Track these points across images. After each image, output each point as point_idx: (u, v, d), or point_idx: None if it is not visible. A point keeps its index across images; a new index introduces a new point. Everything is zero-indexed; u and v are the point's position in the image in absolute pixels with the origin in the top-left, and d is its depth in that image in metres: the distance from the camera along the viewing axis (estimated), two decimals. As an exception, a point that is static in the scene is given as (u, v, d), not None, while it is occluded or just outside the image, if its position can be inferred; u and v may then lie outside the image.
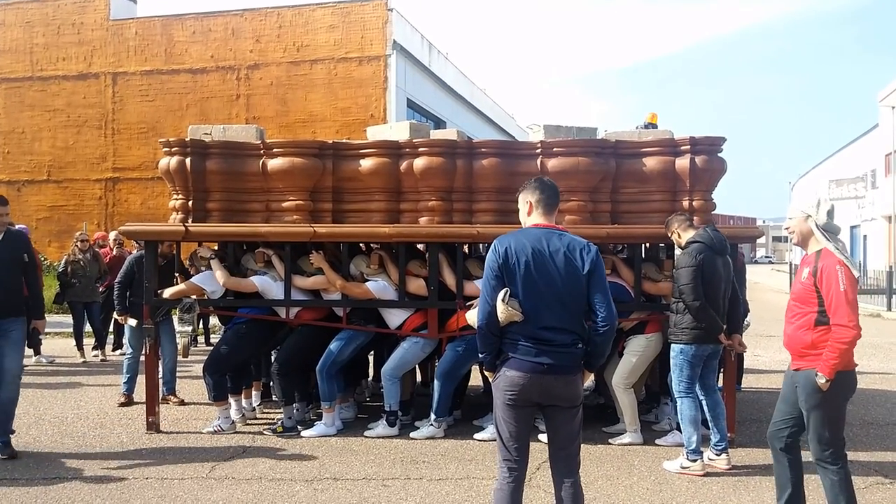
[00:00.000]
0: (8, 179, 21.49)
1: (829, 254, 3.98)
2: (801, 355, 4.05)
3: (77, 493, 4.98)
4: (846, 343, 3.86)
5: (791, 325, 4.12)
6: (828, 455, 4.03)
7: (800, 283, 4.07)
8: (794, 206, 4.19)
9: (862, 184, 37.96)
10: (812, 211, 4.06)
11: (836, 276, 3.88)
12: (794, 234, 4.16)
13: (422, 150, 6.47)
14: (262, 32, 20.23)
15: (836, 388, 3.95)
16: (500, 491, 3.60)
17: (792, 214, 4.16)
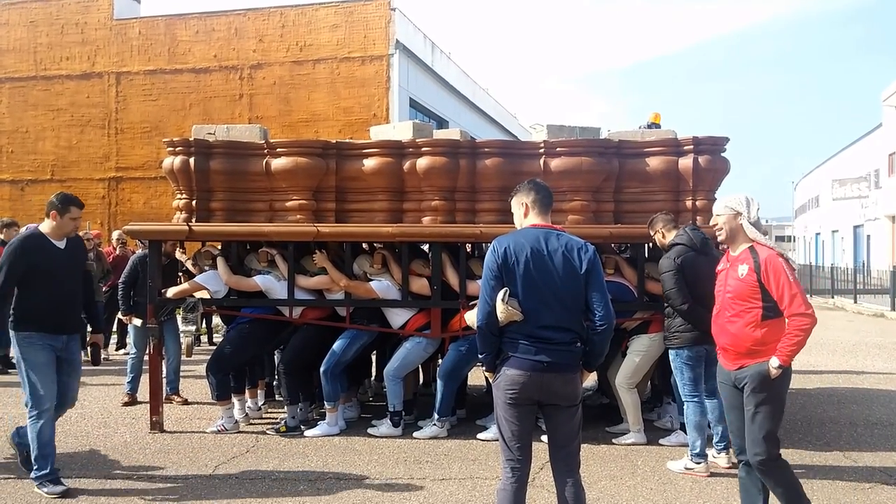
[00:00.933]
0: (11, 179, 21.52)
1: (764, 247, 3.98)
2: (751, 353, 3.98)
3: (81, 491, 4.99)
4: (806, 330, 3.85)
5: (733, 323, 4.04)
6: (776, 453, 3.97)
7: (738, 279, 4.00)
8: (720, 204, 4.16)
9: (865, 183, 37.86)
10: (742, 208, 4.05)
11: (781, 269, 3.88)
12: (722, 232, 4.12)
13: (425, 149, 6.47)
14: (265, 32, 20.22)
15: (784, 381, 3.97)
16: (504, 491, 3.62)
17: (719, 212, 4.13)
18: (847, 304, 21.84)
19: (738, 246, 4.08)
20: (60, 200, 5.12)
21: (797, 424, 6.86)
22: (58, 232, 5.09)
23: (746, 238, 4.04)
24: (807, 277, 28.59)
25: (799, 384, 8.93)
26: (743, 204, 4.07)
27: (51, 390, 4.97)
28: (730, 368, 4.09)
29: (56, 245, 5.07)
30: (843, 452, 5.98)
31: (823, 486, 5.16)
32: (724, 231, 4.11)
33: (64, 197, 5.17)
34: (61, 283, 5.04)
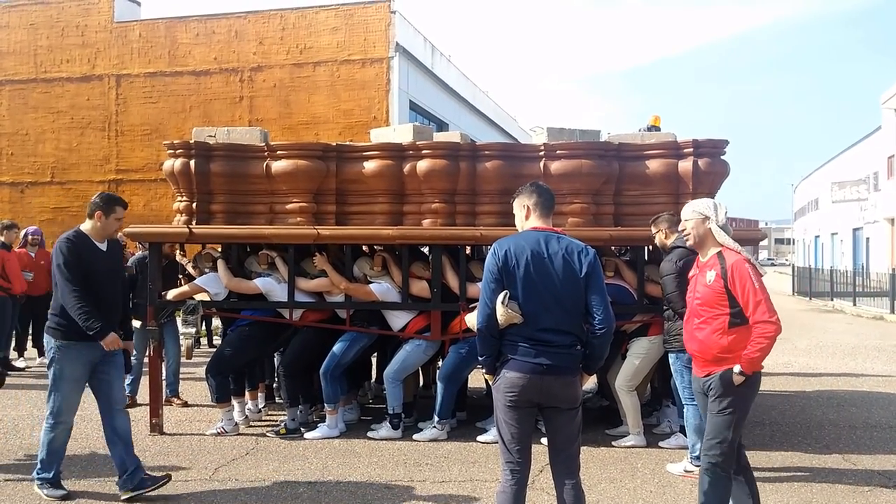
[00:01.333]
0: (11, 181, 21.54)
1: (732, 252, 3.93)
2: (718, 360, 3.91)
3: (82, 494, 4.99)
4: (770, 338, 3.77)
5: (701, 330, 3.98)
6: (727, 463, 3.92)
7: (705, 286, 3.95)
8: (688, 208, 4.12)
9: (864, 186, 37.92)
10: (710, 212, 4.01)
11: (747, 275, 3.82)
12: (690, 237, 4.08)
13: (425, 152, 6.49)
14: (266, 34, 20.26)
15: (749, 389, 3.91)
16: (503, 493, 3.62)
17: (687, 217, 4.09)
18: (846, 307, 21.85)
19: (707, 251, 4.03)
20: (105, 200, 4.92)
21: (797, 427, 6.87)
22: (101, 233, 4.92)
23: (715, 242, 3.99)
24: (806, 280, 28.59)
25: (798, 387, 8.94)
26: (710, 208, 4.03)
27: (75, 405, 4.89)
28: (699, 375, 4.06)
29: (99, 247, 4.92)
30: (842, 455, 5.98)
31: (822, 488, 5.16)
32: (692, 236, 4.06)
33: (108, 197, 4.97)
34: (105, 288, 4.86)
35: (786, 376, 9.70)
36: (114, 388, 4.97)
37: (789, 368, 10.37)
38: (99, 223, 4.89)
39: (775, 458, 5.86)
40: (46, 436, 4.85)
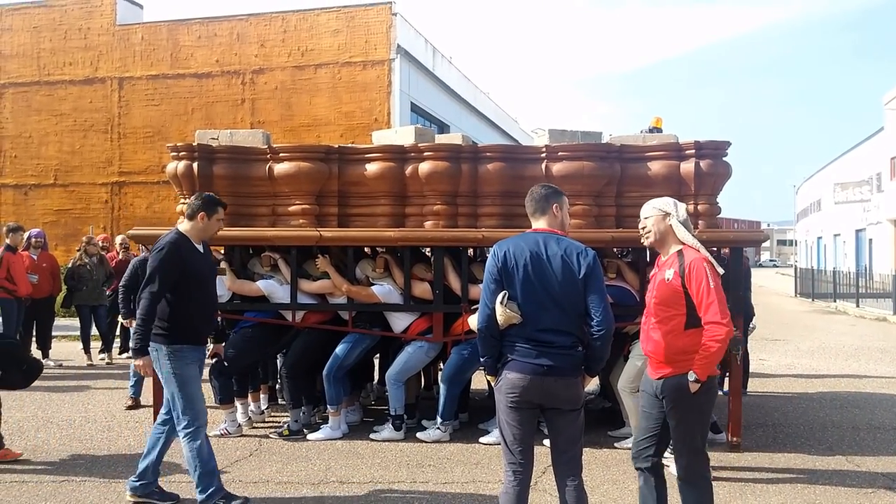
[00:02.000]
0: (15, 183, 21.58)
1: (692, 250, 3.82)
2: (672, 361, 3.78)
3: (86, 495, 5.01)
4: (720, 340, 3.65)
5: (657, 330, 3.85)
6: (699, 469, 3.83)
7: (664, 284, 3.82)
8: (647, 206, 4.01)
9: (867, 187, 37.88)
10: (671, 209, 3.92)
11: (704, 273, 3.71)
12: (651, 234, 3.95)
13: (427, 154, 6.50)
14: (267, 37, 20.29)
15: (706, 395, 3.79)
16: (506, 494, 3.63)
17: (647, 214, 3.98)
18: (849, 308, 21.83)
19: (668, 249, 3.91)
20: (207, 202, 4.80)
21: (799, 428, 6.87)
22: (201, 235, 4.84)
23: (676, 240, 3.89)
24: (809, 282, 28.57)
25: (801, 388, 8.94)
26: (671, 204, 3.94)
27: (204, 404, 4.75)
28: (652, 377, 3.90)
29: (198, 248, 4.83)
30: (845, 457, 5.98)
31: (826, 490, 5.16)
32: (652, 233, 3.94)
33: (210, 198, 4.86)
34: (204, 289, 4.80)
35: (788, 378, 9.70)
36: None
37: (792, 370, 10.37)
38: (201, 224, 4.78)
39: (778, 460, 5.87)
40: (192, 448, 4.58)
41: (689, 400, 3.76)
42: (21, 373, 5.81)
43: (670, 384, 3.78)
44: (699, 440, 3.83)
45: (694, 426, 3.81)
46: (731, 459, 5.82)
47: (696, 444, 3.82)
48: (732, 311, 6.05)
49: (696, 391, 3.72)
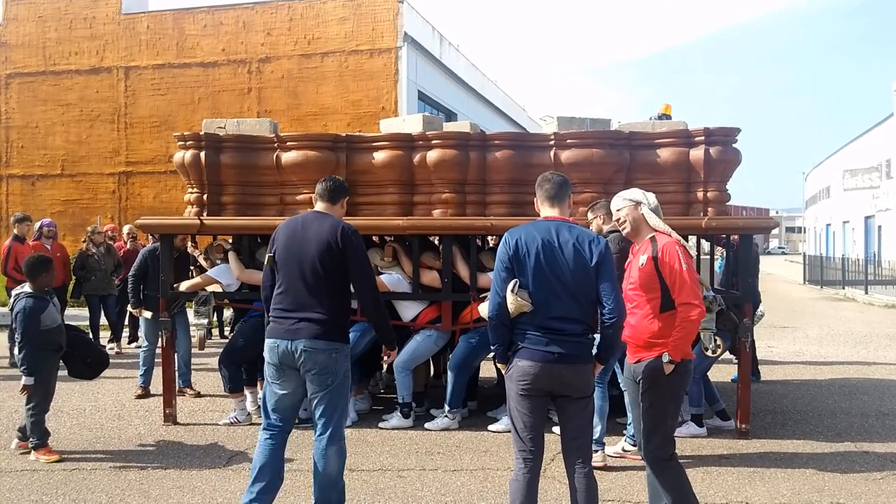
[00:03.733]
0: (22, 174, 21.65)
1: (664, 235, 3.90)
2: (649, 345, 3.83)
3: (97, 483, 5.04)
4: (692, 321, 3.74)
5: (633, 315, 3.88)
6: (667, 451, 3.82)
7: (638, 269, 3.89)
8: (618, 198, 4.06)
9: (876, 174, 37.68)
10: (641, 197, 3.99)
11: (676, 256, 3.79)
12: (626, 224, 4.01)
13: (435, 142, 6.48)
14: (273, 25, 20.26)
15: (680, 377, 3.83)
16: (516, 482, 3.64)
17: (619, 206, 4.03)
18: (858, 295, 21.76)
19: (642, 236, 3.98)
20: (344, 185, 4.38)
21: (808, 415, 6.86)
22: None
23: (649, 227, 3.96)
24: (818, 269, 28.49)
25: (810, 375, 8.92)
26: (640, 194, 4.02)
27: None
28: (630, 362, 3.97)
29: None
30: (854, 443, 5.98)
31: (835, 477, 5.16)
32: (627, 223, 4.00)
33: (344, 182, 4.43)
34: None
35: (797, 364, 9.68)
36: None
37: (801, 357, 10.35)
38: (342, 209, 4.36)
39: (787, 446, 5.86)
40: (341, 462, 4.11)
41: (663, 382, 3.80)
42: (84, 365, 5.92)
43: (644, 366, 3.85)
44: (670, 423, 3.86)
45: (667, 408, 3.84)
46: (740, 446, 5.82)
47: (666, 426, 3.84)
48: (743, 298, 6.08)
49: (669, 372, 3.77)
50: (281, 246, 4.14)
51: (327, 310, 4.03)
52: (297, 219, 4.24)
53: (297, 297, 4.05)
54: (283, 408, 4.14)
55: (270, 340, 4.07)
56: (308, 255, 4.03)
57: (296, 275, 4.05)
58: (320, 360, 3.99)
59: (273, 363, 4.08)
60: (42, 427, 5.56)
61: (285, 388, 4.11)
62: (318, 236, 4.04)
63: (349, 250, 4.05)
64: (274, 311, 4.13)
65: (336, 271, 4.06)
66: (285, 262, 4.10)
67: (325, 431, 4.07)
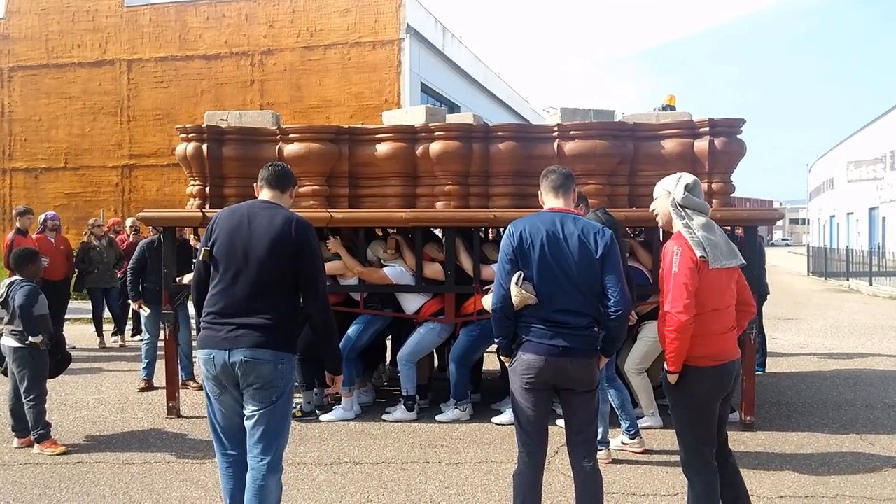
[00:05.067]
0: (25, 167, 21.65)
1: (679, 235, 3.56)
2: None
3: (100, 476, 5.04)
4: (673, 330, 3.41)
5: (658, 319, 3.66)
6: (690, 463, 3.62)
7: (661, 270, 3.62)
8: (659, 185, 3.77)
9: (881, 165, 37.52)
10: (672, 187, 3.65)
11: (670, 257, 3.48)
12: (659, 217, 3.74)
13: (438, 134, 6.45)
14: (276, 18, 20.20)
15: (689, 387, 3.52)
16: (520, 475, 3.63)
17: (656, 194, 3.74)
18: (862, 287, 21.69)
19: (674, 231, 3.64)
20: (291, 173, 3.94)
21: (813, 407, 6.83)
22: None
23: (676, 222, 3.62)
24: (822, 260, 28.41)
25: (814, 367, 8.89)
26: (673, 181, 3.68)
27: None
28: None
29: None
30: (859, 435, 5.95)
31: (840, 469, 5.14)
32: (660, 216, 3.74)
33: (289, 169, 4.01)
34: None
35: (802, 356, 9.65)
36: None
37: (805, 349, 10.32)
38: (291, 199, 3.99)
39: (792, 439, 5.84)
40: (278, 497, 3.60)
41: (672, 392, 3.61)
42: (55, 362, 5.89)
43: (661, 376, 3.71)
44: (690, 435, 3.59)
45: (680, 419, 3.62)
46: (745, 438, 5.80)
47: (686, 440, 3.60)
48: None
49: (675, 382, 3.55)
50: (222, 239, 3.53)
51: (273, 314, 3.46)
52: (241, 208, 3.64)
53: (237, 300, 3.46)
54: (234, 429, 3.58)
55: (204, 351, 3.48)
56: (256, 250, 3.45)
57: (239, 273, 3.46)
58: (264, 373, 3.43)
59: (210, 378, 3.52)
60: (43, 418, 5.57)
61: (227, 407, 3.57)
62: (269, 229, 3.48)
63: (303, 247, 3.50)
64: (208, 315, 3.52)
65: (287, 271, 3.50)
66: (226, 258, 3.49)
67: (265, 458, 3.45)
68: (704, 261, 3.46)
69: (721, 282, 3.54)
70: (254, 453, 3.46)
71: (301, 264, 3.50)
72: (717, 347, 3.52)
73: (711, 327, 3.51)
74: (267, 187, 3.71)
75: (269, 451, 3.46)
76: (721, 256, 3.51)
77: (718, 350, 3.53)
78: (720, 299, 3.54)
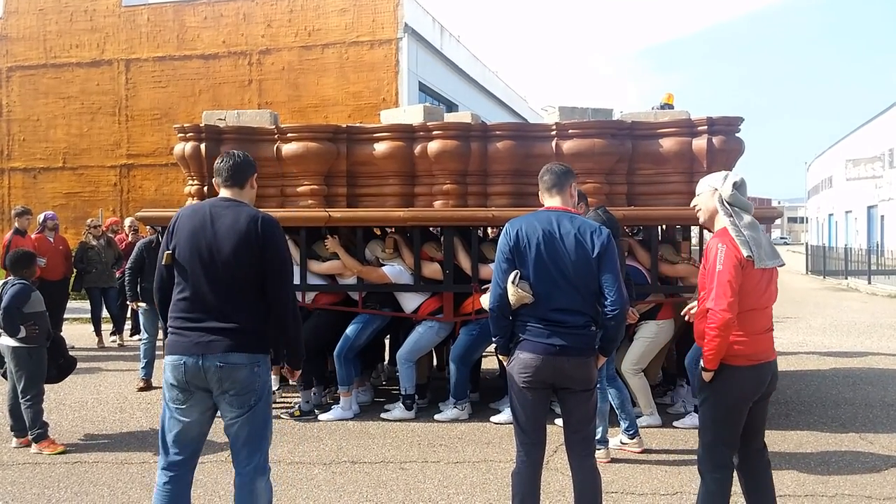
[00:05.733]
0: (24, 167, 21.60)
1: (724, 232, 3.49)
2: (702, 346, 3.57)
3: (99, 476, 5.04)
4: (715, 328, 3.37)
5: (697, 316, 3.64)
6: (704, 460, 3.57)
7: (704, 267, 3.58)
8: (703, 181, 3.72)
9: (879, 163, 37.55)
10: (719, 184, 3.59)
11: (715, 254, 3.43)
12: (701, 213, 3.67)
13: (436, 133, 6.45)
14: (274, 17, 20.16)
15: (722, 385, 3.48)
16: (519, 474, 3.63)
17: (700, 190, 3.69)
18: (861, 286, 21.71)
19: (716, 228, 3.61)
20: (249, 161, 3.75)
21: (812, 406, 6.83)
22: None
23: (720, 219, 3.57)
24: (820, 259, 28.43)
25: (813, 365, 8.90)
26: (720, 179, 3.62)
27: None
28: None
29: None
30: (858, 434, 5.95)
31: (840, 468, 5.14)
32: (702, 212, 3.67)
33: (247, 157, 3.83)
34: None
35: (800, 355, 9.65)
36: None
37: (804, 347, 10.32)
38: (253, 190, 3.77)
39: (791, 437, 5.84)
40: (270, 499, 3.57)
41: (705, 388, 3.56)
42: (57, 367, 5.88)
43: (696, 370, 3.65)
44: (713, 433, 3.55)
45: (705, 416, 3.57)
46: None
47: (706, 436, 3.57)
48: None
49: (709, 380, 3.52)
50: (184, 242, 3.40)
51: (244, 317, 3.37)
52: (203, 207, 3.50)
53: (205, 304, 3.35)
54: (189, 440, 3.43)
55: (172, 357, 3.36)
56: (221, 252, 3.34)
57: (205, 276, 3.35)
58: (241, 378, 3.33)
59: (177, 385, 3.36)
60: (41, 418, 5.57)
61: (190, 416, 3.39)
62: (233, 229, 3.36)
63: (269, 245, 3.39)
64: (175, 320, 3.40)
65: (255, 271, 3.38)
66: (190, 262, 3.37)
67: (251, 462, 3.40)
68: (750, 260, 3.41)
69: (761, 282, 3.49)
70: (239, 459, 3.41)
71: (267, 263, 3.39)
72: (754, 347, 3.47)
73: (749, 327, 3.47)
74: (224, 185, 3.56)
75: (254, 455, 3.40)
76: (765, 256, 3.46)
77: (755, 350, 3.47)
78: (759, 299, 3.49)
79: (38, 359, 5.60)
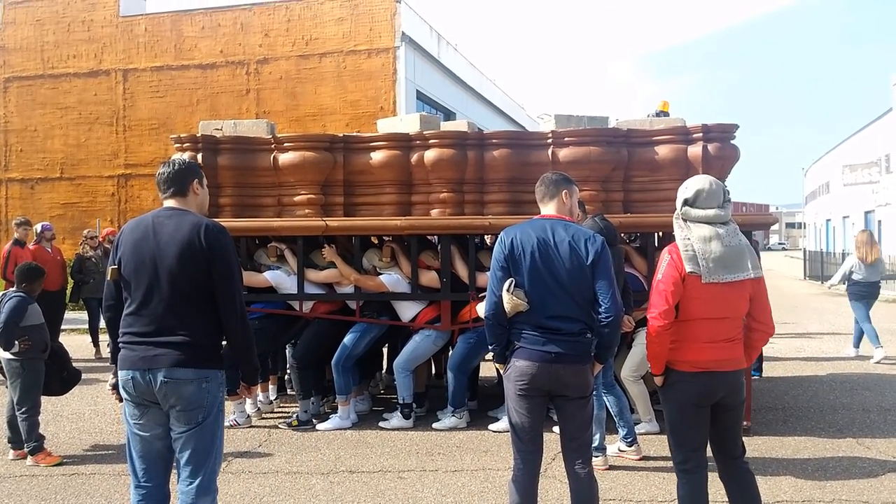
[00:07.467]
0: (21, 177, 21.61)
1: (674, 245, 3.52)
2: None
3: (96, 487, 5.03)
4: (648, 335, 3.49)
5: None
6: (674, 461, 3.66)
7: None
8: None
9: (876, 168, 37.61)
10: (679, 196, 3.58)
11: (658, 263, 3.54)
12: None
13: (432, 141, 6.47)
14: (271, 26, 20.22)
15: (667, 389, 3.58)
16: (516, 482, 3.63)
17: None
18: (859, 291, 21.68)
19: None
20: (191, 165, 3.64)
21: (809, 411, 6.84)
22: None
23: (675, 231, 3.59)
24: (818, 264, 28.46)
25: (811, 371, 8.90)
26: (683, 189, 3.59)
27: None
28: None
29: None
30: (856, 439, 5.96)
31: (837, 473, 5.14)
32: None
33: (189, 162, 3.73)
34: None
35: (798, 360, 9.66)
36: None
37: (802, 353, 10.33)
38: (197, 195, 3.59)
39: (788, 443, 5.84)
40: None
41: (658, 392, 3.68)
42: (60, 380, 5.87)
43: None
44: (671, 439, 3.63)
45: (666, 419, 3.66)
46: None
47: (670, 440, 3.66)
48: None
49: (660, 384, 3.60)
50: (128, 255, 3.32)
51: (192, 330, 3.27)
52: (145, 219, 3.40)
53: (151, 318, 3.26)
54: (154, 455, 3.35)
55: (123, 372, 3.30)
56: (164, 262, 3.24)
57: (149, 289, 3.26)
58: (187, 393, 3.24)
59: (131, 400, 3.32)
60: (36, 430, 5.56)
61: (149, 430, 3.33)
62: (176, 238, 3.26)
63: (215, 254, 3.28)
64: (123, 335, 3.33)
65: (202, 282, 3.28)
66: (135, 275, 3.28)
67: (194, 481, 3.28)
68: (694, 275, 3.40)
69: (720, 294, 3.44)
70: (183, 476, 3.30)
71: (214, 272, 3.27)
72: (701, 355, 3.47)
73: (695, 334, 3.47)
74: (165, 193, 3.46)
75: (197, 473, 3.28)
76: (721, 270, 3.41)
77: (701, 357, 3.47)
78: (715, 309, 3.45)
79: (33, 371, 5.60)
